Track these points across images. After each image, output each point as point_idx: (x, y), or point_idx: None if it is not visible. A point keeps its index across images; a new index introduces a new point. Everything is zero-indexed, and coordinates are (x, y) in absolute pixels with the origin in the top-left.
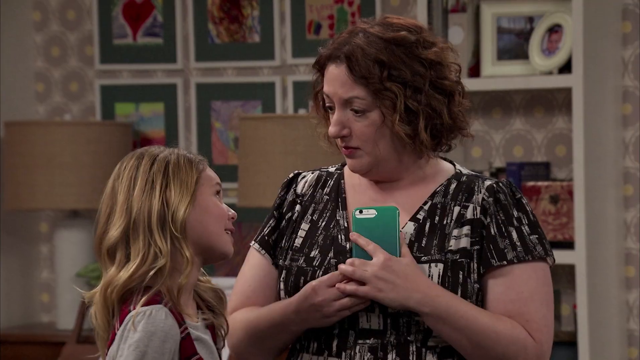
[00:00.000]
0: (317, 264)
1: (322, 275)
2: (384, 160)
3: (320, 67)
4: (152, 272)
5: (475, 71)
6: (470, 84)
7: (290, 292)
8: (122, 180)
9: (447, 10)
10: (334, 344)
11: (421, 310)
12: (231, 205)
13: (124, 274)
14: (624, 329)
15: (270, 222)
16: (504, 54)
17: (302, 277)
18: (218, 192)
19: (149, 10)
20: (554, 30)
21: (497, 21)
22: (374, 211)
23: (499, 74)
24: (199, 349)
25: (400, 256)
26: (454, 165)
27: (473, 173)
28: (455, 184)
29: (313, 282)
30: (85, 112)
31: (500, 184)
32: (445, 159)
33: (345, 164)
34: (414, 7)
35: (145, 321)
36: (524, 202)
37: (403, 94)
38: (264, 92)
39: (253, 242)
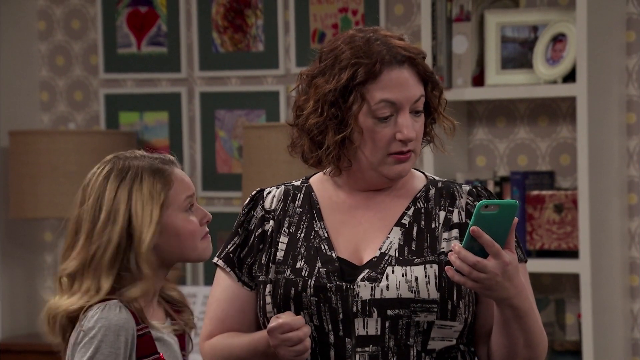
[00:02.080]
0: (306, 274)
1: (313, 284)
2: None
3: (364, 80)
4: (87, 305)
5: (479, 80)
6: (475, 93)
7: (279, 305)
8: (88, 206)
9: (451, 20)
10: (332, 353)
11: (508, 304)
12: (235, 215)
13: (65, 303)
14: (629, 338)
15: (235, 240)
16: (508, 63)
17: (293, 288)
18: (191, 205)
19: (153, 19)
20: (558, 39)
21: (501, 30)
22: (496, 207)
23: (503, 83)
24: (161, 350)
25: (504, 246)
26: (423, 172)
27: (444, 179)
28: (433, 189)
29: (269, 326)
30: (89, 121)
31: (479, 188)
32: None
33: (310, 177)
34: (418, 16)
35: (98, 316)
36: None
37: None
38: (268, 101)
39: (216, 258)
